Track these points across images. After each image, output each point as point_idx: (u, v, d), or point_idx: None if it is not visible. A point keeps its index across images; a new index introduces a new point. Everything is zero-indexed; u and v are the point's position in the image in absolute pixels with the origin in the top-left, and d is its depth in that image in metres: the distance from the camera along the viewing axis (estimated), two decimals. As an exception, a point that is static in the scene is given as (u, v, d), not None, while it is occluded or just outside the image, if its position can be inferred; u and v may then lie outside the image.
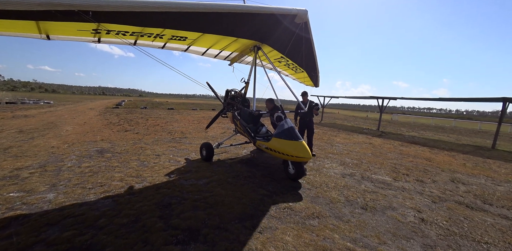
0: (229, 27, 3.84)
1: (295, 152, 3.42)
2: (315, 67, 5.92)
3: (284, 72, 7.15)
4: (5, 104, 14.51)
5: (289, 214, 2.65)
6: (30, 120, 8.76)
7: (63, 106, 16.86)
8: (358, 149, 6.98)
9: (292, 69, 6.67)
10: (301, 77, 7.30)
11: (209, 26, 3.59)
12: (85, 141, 5.67)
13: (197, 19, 3.16)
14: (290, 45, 4.49)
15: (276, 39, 4.50)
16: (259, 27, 3.95)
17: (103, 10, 2.02)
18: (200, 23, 3.40)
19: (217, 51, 5.11)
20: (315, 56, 5.22)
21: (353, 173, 4.42)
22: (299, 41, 4.35)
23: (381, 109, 14.16)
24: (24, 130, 6.60)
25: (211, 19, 3.25)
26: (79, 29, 2.83)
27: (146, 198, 2.76)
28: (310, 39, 4.38)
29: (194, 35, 3.84)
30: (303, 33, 4.10)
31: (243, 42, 4.59)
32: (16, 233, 2.00)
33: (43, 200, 2.62)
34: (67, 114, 11.44)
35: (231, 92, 5.17)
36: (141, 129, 7.99)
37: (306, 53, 4.98)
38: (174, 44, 4.20)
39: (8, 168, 3.55)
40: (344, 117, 28.19)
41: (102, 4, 1.93)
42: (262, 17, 3.40)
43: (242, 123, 4.48)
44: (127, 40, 3.50)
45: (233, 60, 5.79)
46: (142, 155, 4.71)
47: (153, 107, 20.28)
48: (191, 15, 2.81)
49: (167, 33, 3.53)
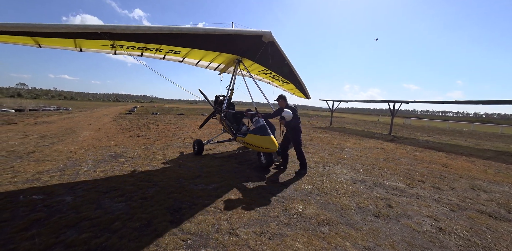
0: (211, 44, 4.83)
1: (264, 145, 4.12)
2: (297, 80, 6.72)
3: (273, 83, 8.14)
4: (28, 111, 15.46)
5: (299, 220, 2.62)
6: (50, 126, 9.27)
7: (80, 112, 17.72)
8: (369, 154, 6.80)
9: (278, 81, 7.59)
10: (290, 89, 8.24)
11: (194, 43, 4.60)
12: (100, 146, 5.91)
13: (182, 38, 4.10)
14: (268, 59, 5.29)
15: (253, 54, 5.31)
16: (237, 44, 4.86)
17: (116, 32, 3.02)
18: (186, 41, 4.40)
19: (207, 63, 6.24)
20: (294, 70, 5.97)
21: (365, 179, 4.31)
22: (273, 56, 5.12)
23: (392, 113, 13.79)
24: (45, 136, 6.98)
25: (194, 38, 4.19)
26: (101, 44, 3.80)
27: (157, 203, 2.82)
28: (281, 54, 5.16)
29: (185, 50, 4.85)
30: (273, 49, 4.89)
31: (226, 56, 5.64)
32: (38, 234, 2.11)
33: (62, 202, 2.74)
34: (83, 120, 12.00)
35: (219, 98, 6.03)
36: (152, 135, 8.23)
37: (280, 65, 5.87)
38: (171, 56, 5.27)
39: (31, 171, 3.76)
40: (354, 121, 27.63)
41: (115, 28, 2.94)
42: (236, 37, 4.33)
43: (227, 123, 5.36)
44: (135, 52, 4.61)
45: (222, 71, 6.85)
46: (153, 160, 4.84)
47: (163, 113, 20.86)
48: (177, 35, 3.74)
49: (164, 48, 4.53)
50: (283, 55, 5.21)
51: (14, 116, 12.27)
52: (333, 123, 19.61)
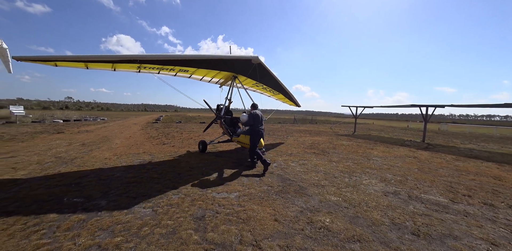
0: (211, 65, 6.09)
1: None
2: (284, 91, 8.31)
3: (266, 94, 9.84)
4: (73, 121, 17.49)
5: (326, 235, 2.45)
6: (90, 134, 10.31)
7: (114, 122, 19.47)
8: (400, 164, 6.24)
9: (270, 92, 9.27)
10: (281, 98, 9.87)
11: (199, 65, 5.84)
12: (130, 153, 6.36)
13: (190, 62, 5.37)
14: (257, 76, 6.76)
15: (246, 71, 6.65)
16: (232, 64, 6.17)
17: (144, 59, 4.22)
18: (193, 63, 5.59)
19: (209, 78, 7.69)
20: (281, 83, 7.38)
21: (397, 191, 3.93)
22: (261, 73, 6.54)
23: (425, 118, 12.64)
24: (85, 143, 7.76)
25: (198, 61, 5.51)
26: (131, 66, 5.03)
27: (182, 210, 2.89)
28: (268, 72, 6.46)
29: (192, 69, 6.22)
30: (261, 69, 6.15)
31: (224, 73, 7.02)
32: (78, 235, 2.29)
33: (98, 206, 2.96)
34: (116, 129, 13.13)
35: (220, 106, 7.18)
36: (176, 142, 8.63)
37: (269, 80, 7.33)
38: (181, 74, 6.69)
39: (73, 176, 4.16)
40: (380, 127, 25.89)
41: (144, 56, 4.14)
42: (230, 60, 5.69)
43: (225, 126, 6.61)
44: (154, 71, 5.87)
45: (221, 84, 8.30)
46: (177, 167, 5.03)
47: (186, 121, 21.89)
48: (186, 60, 5.14)
49: (176, 68, 5.83)
50: (270, 72, 6.49)
51: (62, 125, 13.95)
52: (357, 130, 18.61)
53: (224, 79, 7.78)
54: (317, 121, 34.91)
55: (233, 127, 6.91)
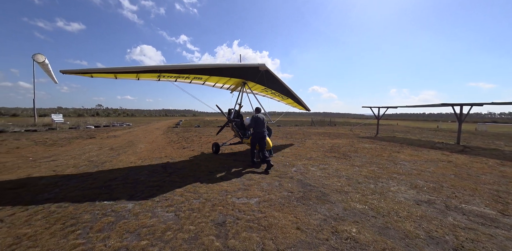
0: (222, 73, 6.61)
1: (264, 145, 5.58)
2: (293, 96, 8.74)
3: (275, 98, 10.28)
4: (103, 127, 18.99)
5: (353, 246, 2.29)
6: (117, 139, 11.06)
7: (138, 127, 20.72)
8: (432, 169, 5.71)
9: (278, 96, 9.78)
10: (290, 102, 10.31)
11: (211, 73, 6.42)
12: (153, 157, 6.66)
13: (202, 70, 5.96)
14: (265, 81, 7.30)
15: (254, 78, 7.13)
16: (241, 72, 6.67)
17: (165, 69, 4.94)
18: (206, 72, 6.21)
19: (221, 85, 8.27)
20: (289, 89, 7.79)
21: (432, 200, 3.57)
22: (269, 79, 7.04)
23: (459, 118, 11.52)
24: (114, 148, 8.32)
25: (211, 70, 6.11)
26: (152, 75, 5.56)
27: (203, 215, 2.91)
28: (275, 78, 6.93)
29: (205, 77, 6.89)
30: (268, 75, 6.66)
31: (234, 80, 7.51)
32: (108, 237, 2.41)
33: (125, 209, 3.11)
34: (140, 134, 13.93)
35: (231, 110, 7.58)
36: (195, 146, 8.88)
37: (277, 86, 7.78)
38: (195, 81, 7.27)
39: (103, 179, 4.46)
40: (406, 129, 24.17)
41: (165, 67, 4.81)
42: (240, 68, 6.26)
43: (236, 129, 7.02)
44: (171, 79, 6.41)
45: (232, 90, 8.71)
46: (198, 171, 5.14)
47: (205, 125, 22.51)
48: (200, 69, 5.79)
49: (191, 76, 6.48)
50: (277, 78, 6.92)
51: (93, 131, 15.19)
52: (380, 132, 17.58)
53: (234, 85, 8.27)
54: (336, 123, 33.70)
55: (243, 129, 7.19)
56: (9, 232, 2.49)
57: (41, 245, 2.25)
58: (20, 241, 2.31)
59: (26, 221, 2.74)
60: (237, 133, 7.04)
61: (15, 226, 2.61)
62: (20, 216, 2.86)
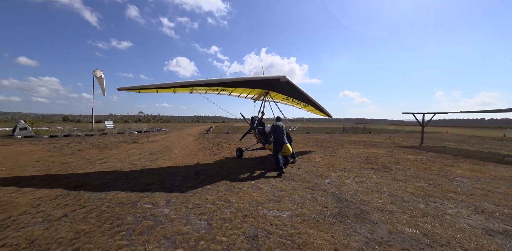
0: (247, 85, 7.27)
1: (282, 150, 5.96)
2: (313, 103, 9.22)
3: (297, 106, 10.88)
4: (144, 132, 21.10)
5: (406, 281, 1.95)
6: (155, 144, 12.09)
7: (173, 132, 22.41)
8: (504, 189, 4.72)
9: (299, 104, 10.32)
10: (311, 110, 10.92)
11: (237, 85, 7.06)
12: (187, 163, 7.02)
13: (229, 83, 6.53)
14: (285, 91, 7.92)
15: (275, 88, 7.78)
16: (263, 83, 7.33)
17: (197, 84, 5.68)
18: (231, 84, 6.77)
19: (245, 95, 9.08)
20: (309, 97, 8.31)
21: (510, 231, 2.89)
22: (289, 89, 7.63)
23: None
24: (152, 152, 9.09)
25: (236, 82, 6.67)
26: (186, 89, 6.45)
27: (235, 226, 2.89)
28: (296, 88, 7.46)
29: (231, 89, 7.74)
30: (289, 85, 7.20)
31: (258, 90, 8.25)
32: (147, 241, 2.55)
33: (162, 214, 3.28)
34: (175, 139, 14.99)
35: (254, 118, 8.12)
36: (225, 153, 9.10)
37: (298, 95, 8.41)
38: (223, 92, 8.13)
39: (144, 182, 4.84)
40: (459, 138, 20.90)
41: (197, 82, 5.59)
42: (262, 80, 6.90)
43: (259, 136, 7.44)
44: (202, 92, 7.35)
45: (255, 99, 9.53)
46: (228, 179, 5.20)
47: (234, 132, 23.12)
48: (227, 82, 6.30)
49: (219, 89, 7.41)
50: (297, 88, 7.44)
51: (136, 136, 16.98)
52: (425, 141, 15.52)
53: (257, 95, 9.06)
54: (371, 130, 31.05)
55: (266, 136, 7.52)
56: (71, 227, 2.84)
57: (94, 242, 2.50)
58: (79, 236, 2.60)
59: (83, 218, 3.10)
60: (260, 139, 7.46)
61: (75, 222, 2.97)
62: (79, 213, 3.25)
